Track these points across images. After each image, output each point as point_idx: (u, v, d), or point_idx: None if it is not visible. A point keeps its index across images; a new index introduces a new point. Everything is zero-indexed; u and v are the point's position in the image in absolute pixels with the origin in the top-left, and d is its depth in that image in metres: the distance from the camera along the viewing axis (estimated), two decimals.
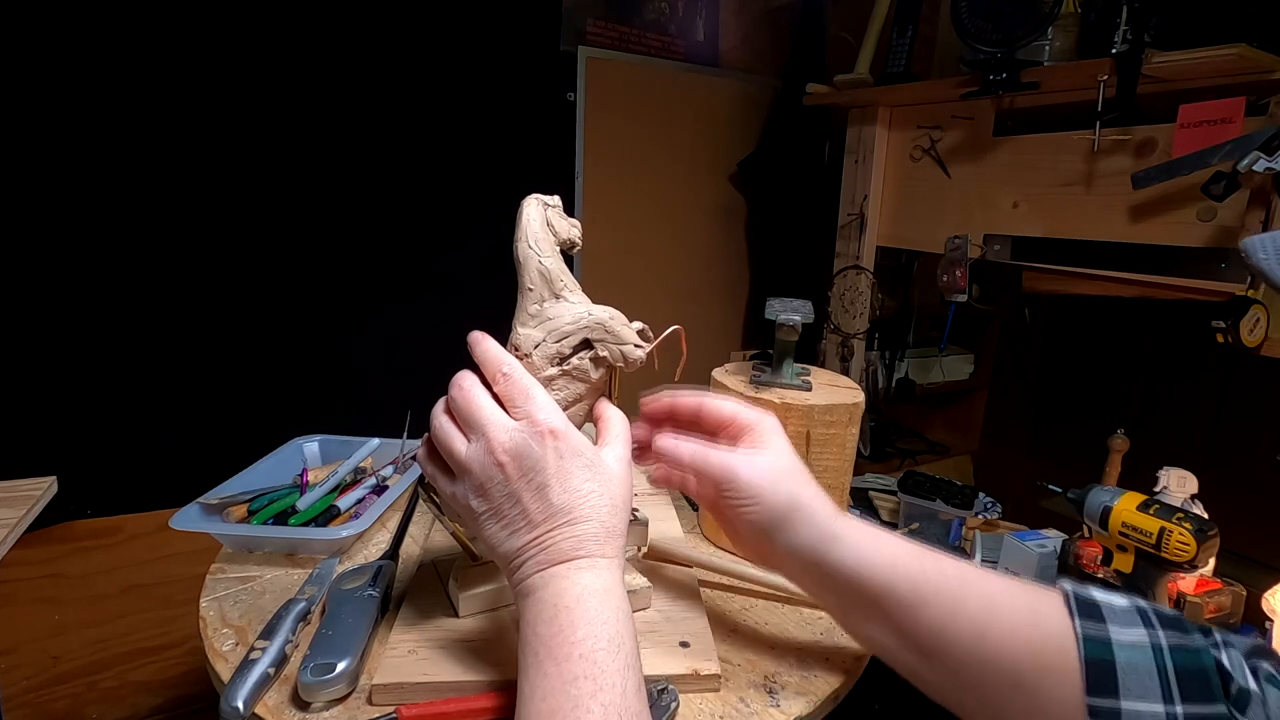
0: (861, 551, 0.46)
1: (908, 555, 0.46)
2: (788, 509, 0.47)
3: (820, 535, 0.47)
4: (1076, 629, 0.40)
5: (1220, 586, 1.03)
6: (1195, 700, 0.37)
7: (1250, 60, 0.97)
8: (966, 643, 0.43)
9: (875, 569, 0.45)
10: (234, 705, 0.47)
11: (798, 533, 0.47)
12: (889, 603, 0.45)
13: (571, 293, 0.49)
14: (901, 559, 0.46)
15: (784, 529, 0.47)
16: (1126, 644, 0.39)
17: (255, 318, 1.33)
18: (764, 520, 0.47)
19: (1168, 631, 0.39)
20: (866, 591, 0.45)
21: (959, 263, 1.36)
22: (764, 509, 0.47)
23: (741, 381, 0.73)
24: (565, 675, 0.38)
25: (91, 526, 1.25)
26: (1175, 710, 0.36)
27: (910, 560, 0.46)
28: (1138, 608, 0.41)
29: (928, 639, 0.44)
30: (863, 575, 0.45)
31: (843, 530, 0.47)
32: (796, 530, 0.47)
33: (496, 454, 0.43)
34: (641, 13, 1.67)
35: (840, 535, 0.47)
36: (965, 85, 1.27)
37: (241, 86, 1.24)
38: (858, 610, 0.47)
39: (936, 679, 0.45)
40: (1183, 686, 0.37)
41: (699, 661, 0.53)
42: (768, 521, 0.47)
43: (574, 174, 1.64)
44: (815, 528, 0.47)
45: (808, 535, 0.47)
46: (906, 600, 0.44)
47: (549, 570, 0.42)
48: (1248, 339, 1.00)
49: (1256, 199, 0.99)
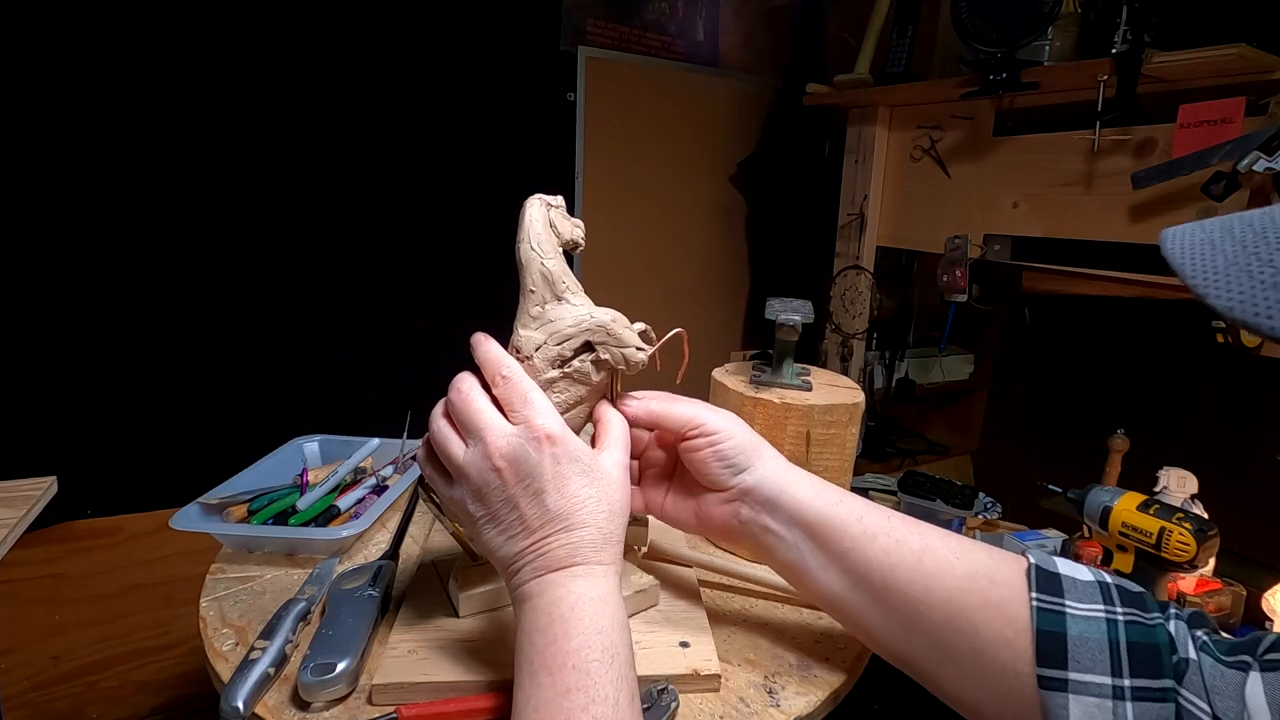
0: (817, 488, 0.50)
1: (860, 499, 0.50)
2: (757, 443, 0.51)
3: (783, 471, 0.50)
4: (1032, 600, 0.41)
5: (1220, 586, 1.03)
6: (1144, 674, 0.38)
7: (1250, 60, 0.97)
8: (909, 579, 0.45)
9: (831, 503, 0.49)
10: (234, 705, 0.47)
11: (765, 467, 0.50)
12: (840, 536, 0.47)
13: (573, 295, 0.49)
14: (853, 498, 0.50)
15: (754, 464, 0.50)
16: (1081, 617, 0.40)
17: (255, 318, 1.33)
18: (734, 453, 0.50)
19: (1126, 608, 0.40)
20: (824, 525, 0.48)
21: (959, 263, 1.36)
22: (736, 443, 0.50)
23: (741, 381, 0.73)
24: (558, 686, 0.38)
25: (91, 526, 1.25)
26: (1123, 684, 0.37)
27: (861, 500, 0.50)
28: (1100, 582, 0.42)
29: (874, 574, 0.46)
30: (818, 509, 0.48)
31: (799, 473, 0.51)
32: (764, 464, 0.50)
33: (494, 459, 0.43)
34: (641, 13, 1.67)
35: (798, 475, 0.51)
36: (965, 85, 1.27)
37: (242, 87, 1.24)
38: (813, 550, 0.48)
39: (885, 622, 0.46)
40: (1133, 660, 0.38)
41: (699, 661, 0.53)
42: (738, 454, 0.50)
43: (574, 174, 1.64)
44: (779, 465, 0.51)
45: (772, 470, 0.50)
46: (856, 533, 0.47)
47: (545, 577, 0.42)
48: (1248, 339, 1.00)
49: (1256, 199, 0.99)
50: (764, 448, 0.51)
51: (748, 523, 0.50)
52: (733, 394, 0.72)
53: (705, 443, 0.50)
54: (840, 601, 0.48)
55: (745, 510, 0.50)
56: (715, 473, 0.50)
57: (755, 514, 0.50)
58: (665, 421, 0.51)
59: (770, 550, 0.51)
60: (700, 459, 0.50)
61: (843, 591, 0.48)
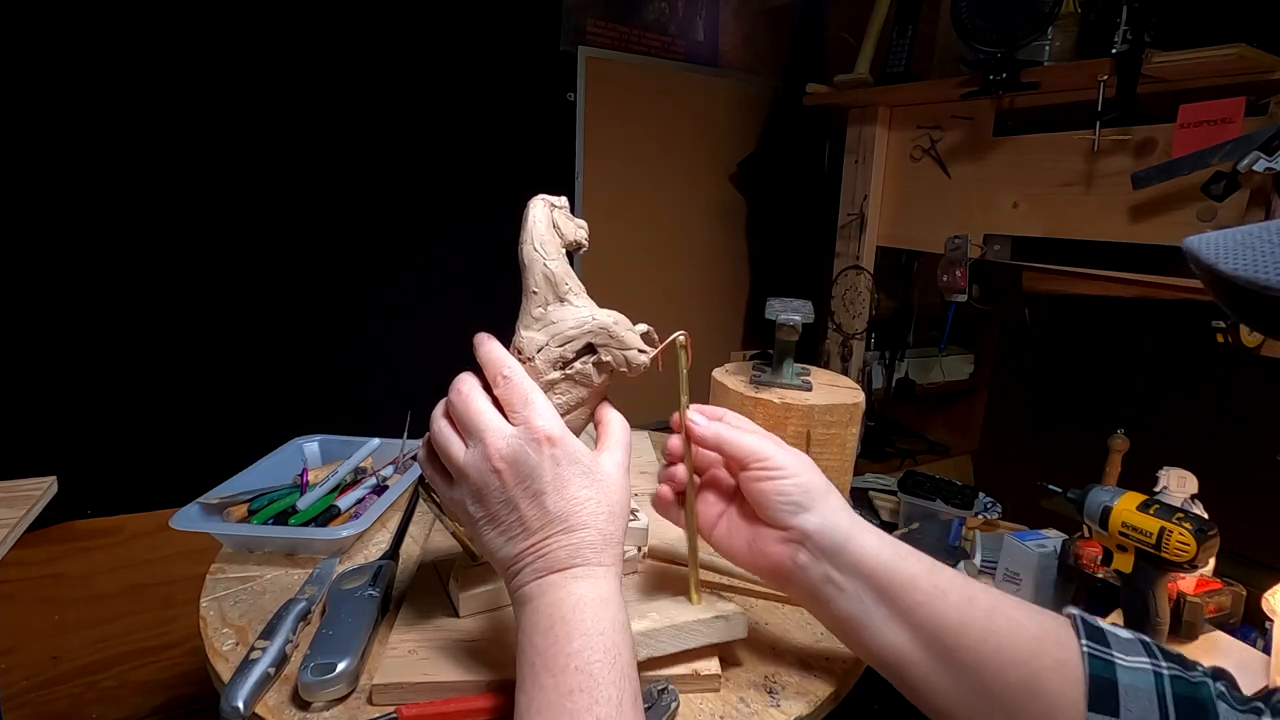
0: (883, 541, 0.47)
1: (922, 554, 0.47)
2: (824, 488, 0.49)
3: (849, 519, 0.48)
4: (1082, 647, 0.41)
5: (1220, 586, 1.03)
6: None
7: (1250, 60, 0.97)
8: (982, 638, 0.43)
9: (898, 557, 0.46)
10: (234, 705, 0.47)
11: (829, 512, 0.48)
12: (910, 591, 0.45)
13: (576, 296, 0.49)
14: (917, 554, 0.47)
15: (817, 506, 0.48)
16: (1130, 668, 0.40)
17: (255, 318, 1.33)
18: (797, 492, 0.48)
19: (1169, 664, 0.41)
20: (890, 578, 0.45)
21: (959, 263, 1.36)
22: (801, 482, 0.48)
23: (741, 381, 0.73)
24: (561, 688, 0.38)
25: (91, 526, 1.25)
26: None
27: (924, 557, 0.47)
28: (1142, 640, 0.42)
29: (947, 632, 0.44)
30: (886, 561, 0.46)
31: (864, 523, 0.48)
32: (829, 510, 0.48)
33: (493, 460, 0.43)
34: (641, 13, 1.67)
35: (864, 524, 0.48)
36: (965, 85, 1.27)
37: (243, 86, 1.24)
38: (877, 603, 0.46)
39: (949, 682, 0.44)
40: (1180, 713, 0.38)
41: (699, 661, 0.53)
42: (801, 494, 0.48)
43: (574, 174, 1.64)
44: (846, 512, 0.48)
45: (837, 517, 0.48)
46: (927, 589, 0.45)
47: (546, 579, 0.42)
48: (1248, 339, 1.00)
49: (1256, 199, 0.99)
50: (831, 493, 0.49)
51: (805, 568, 0.48)
52: (733, 394, 0.72)
53: (767, 476, 0.48)
54: (902, 659, 0.45)
55: (804, 555, 0.48)
56: (775, 508, 0.48)
57: (814, 560, 0.47)
58: (730, 449, 0.50)
59: (827, 601, 0.48)
60: (760, 492, 0.48)
61: (907, 649, 0.45)
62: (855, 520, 0.48)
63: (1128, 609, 0.88)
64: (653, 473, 0.92)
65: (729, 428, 0.50)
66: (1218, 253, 0.33)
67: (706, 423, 0.51)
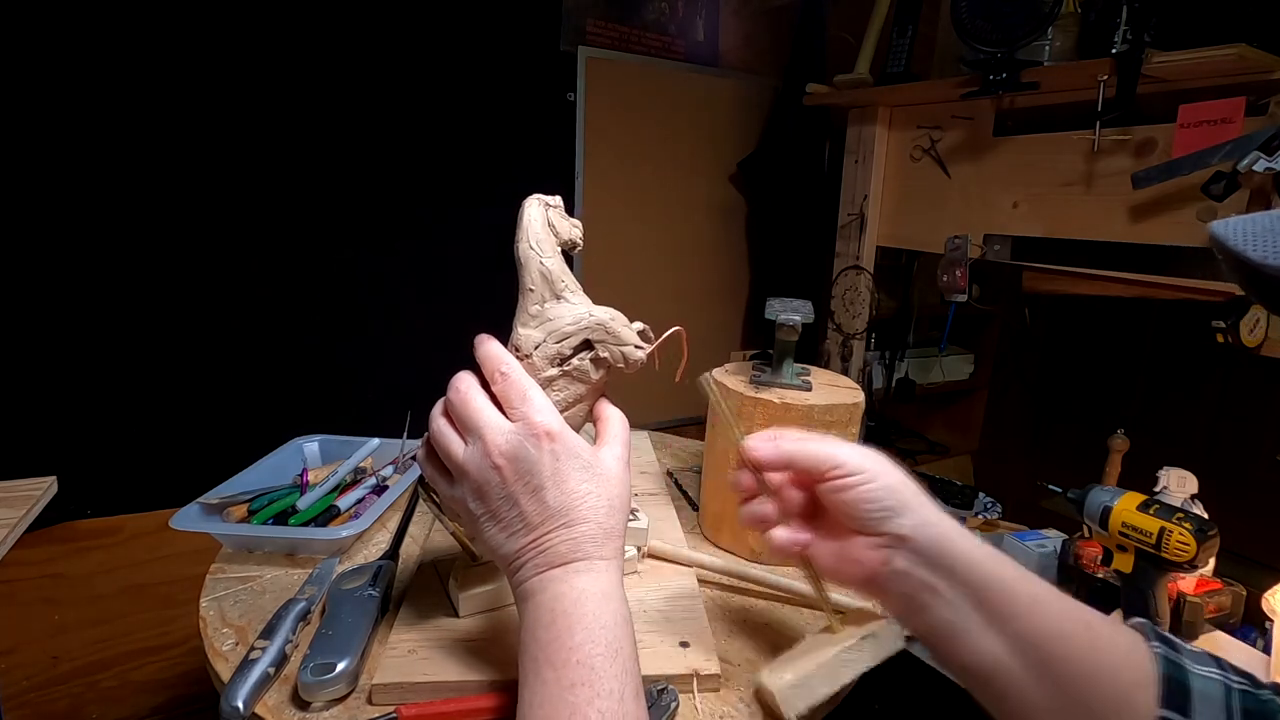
0: (981, 545, 0.44)
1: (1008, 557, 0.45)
2: (911, 488, 0.46)
3: (940, 520, 0.45)
4: (1153, 648, 0.41)
5: (1220, 586, 1.03)
6: None
7: (1250, 60, 0.96)
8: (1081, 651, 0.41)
9: (997, 563, 0.44)
10: (234, 705, 0.47)
11: (920, 513, 0.45)
12: (1011, 599, 0.43)
13: (573, 293, 0.49)
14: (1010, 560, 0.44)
15: (909, 509, 0.45)
16: (1201, 675, 0.40)
17: (255, 318, 1.33)
18: (884, 494, 0.45)
19: (1239, 678, 0.40)
20: (992, 585, 0.43)
21: (959, 263, 1.36)
22: (887, 484, 0.45)
23: (741, 381, 0.73)
24: (563, 682, 0.38)
25: (91, 526, 1.25)
26: None
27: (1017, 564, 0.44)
28: (1210, 654, 0.42)
29: (1046, 643, 0.42)
30: (986, 567, 0.43)
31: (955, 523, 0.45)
32: (920, 510, 0.45)
33: (493, 457, 0.43)
34: (641, 13, 1.67)
35: (955, 525, 0.45)
36: (965, 85, 1.27)
37: (244, 87, 1.24)
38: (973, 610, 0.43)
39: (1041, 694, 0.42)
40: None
41: (699, 661, 0.54)
42: (888, 496, 0.45)
43: (574, 174, 1.64)
44: (935, 511, 0.45)
45: (929, 517, 0.45)
46: (1024, 596, 0.43)
47: (547, 573, 0.42)
48: (1248, 339, 1.00)
49: (1256, 199, 0.99)
50: (920, 493, 0.46)
51: (903, 574, 0.45)
52: (733, 394, 0.71)
53: (848, 484, 0.45)
54: (996, 668, 0.43)
55: (901, 560, 0.45)
56: (864, 515, 0.45)
57: (912, 566, 0.44)
58: (799, 462, 0.47)
59: (922, 608, 0.45)
60: (844, 501, 0.45)
61: (1002, 658, 0.43)
62: (951, 522, 0.45)
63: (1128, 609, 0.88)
64: (652, 473, 0.92)
65: (791, 441, 0.48)
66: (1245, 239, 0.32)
67: (768, 444, 0.48)
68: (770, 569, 0.69)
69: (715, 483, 0.76)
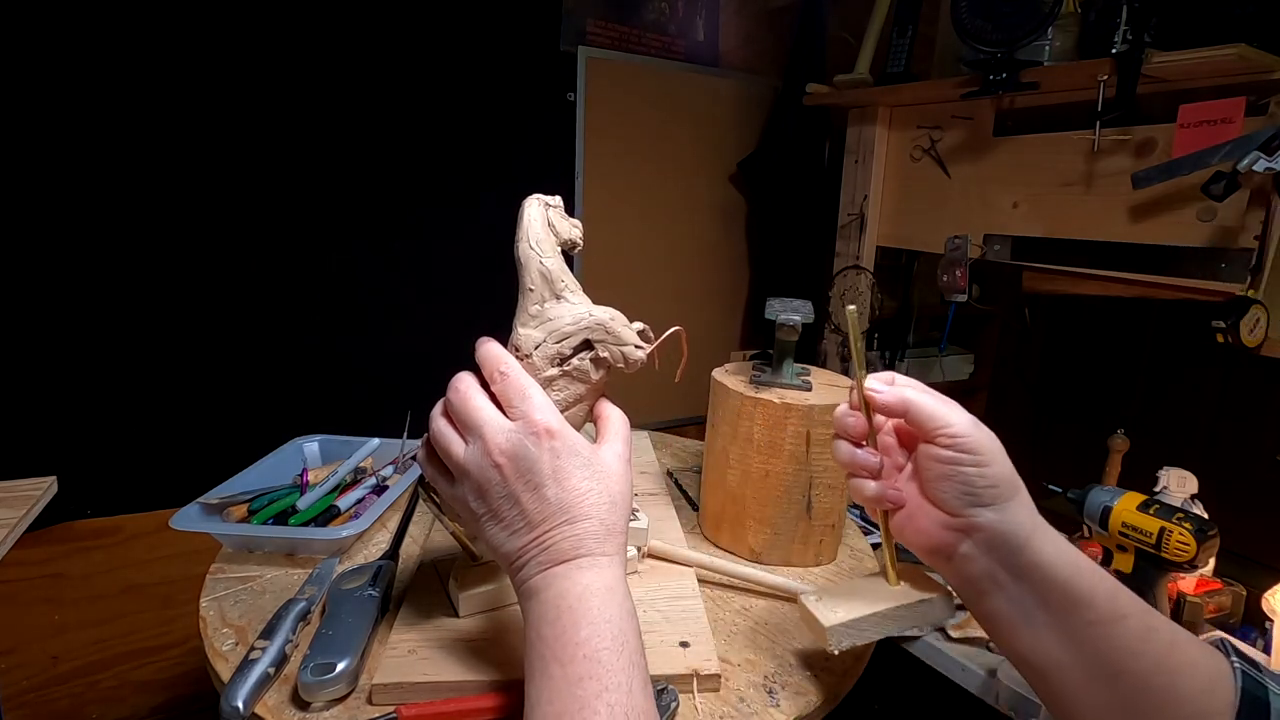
0: (1063, 549, 0.43)
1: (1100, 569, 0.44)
2: (1012, 482, 0.44)
3: (1031, 520, 0.44)
4: (1234, 664, 0.40)
5: (1220, 586, 1.03)
6: None
7: (1250, 60, 0.96)
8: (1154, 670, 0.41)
9: (1080, 572, 0.43)
10: (234, 705, 0.47)
11: (1013, 511, 0.43)
12: (1085, 608, 0.42)
13: (572, 293, 0.49)
14: (1099, 571, 0.43)
15: (1000, 503, 0.43)
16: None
17: (255, 317, 1.33)
18: (984, 485, 0.43)
19: None
20: (1065, 593, 0.42)
21: (959, 263, 1.36)
22: (992, 474, 0.43)
23: (741, 381, 0.73)
24: (570, 676, 0.38)
25: (91, 526, 1.25)
26: None
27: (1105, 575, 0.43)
28: None
29: (1117, 656, 0.41)
30: (1063, 573, 0.42)
31: (1045, 526, 0.44)
32: (1014, 507, 0.43)
33: (493, 455, 0.43)
34: (641, 13, 1.67)
35: (1044, 529, 0.44)
36: (965, 85, 1.27)
37: (244, 87, 1.24)
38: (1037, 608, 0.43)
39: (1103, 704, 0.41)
40: None
41: (699, 661, 0.54)
42: (988, 489, 0.43)
43: (574, 174, 1.64)
44: (1027, 510, 0.44)
45: (1018, 516, 0.43)
46: (1105, 610, 0.42)
47: (550, 570, 0.42)
48: (1248, 339, 1.00)
49: (1256, 199, 0.99)
50: (1018, 488, 0.44)
51: (969, 559, 0.44)
52: (733, 394, 0.72)
53: (954, 458, 0.44)
54: (1057, 669, 0.43)
55: (969, 547, 0.44)
56: (953, 496, 0.44)
57: (981, 554, 0.44)
58: (919, 415, 0.45)
59: (983, 594, 0.45)
60: (943, 474, 0.44)
61: (1064, 661, 0.42)
62: (1036, 521, 0.44)
63: None
64: (652, 473, 0.92)
65: (916, 391, 0.46)
66: None
67: (890, 388, 0.47)
68: (770, 569, 0.69)
69: (715, 483, 0.76)
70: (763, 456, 0.70)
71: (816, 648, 0.59)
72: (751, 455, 0.71)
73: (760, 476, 0.71)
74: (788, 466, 0.70)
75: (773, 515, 0.71)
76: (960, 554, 0.45)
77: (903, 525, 0.48)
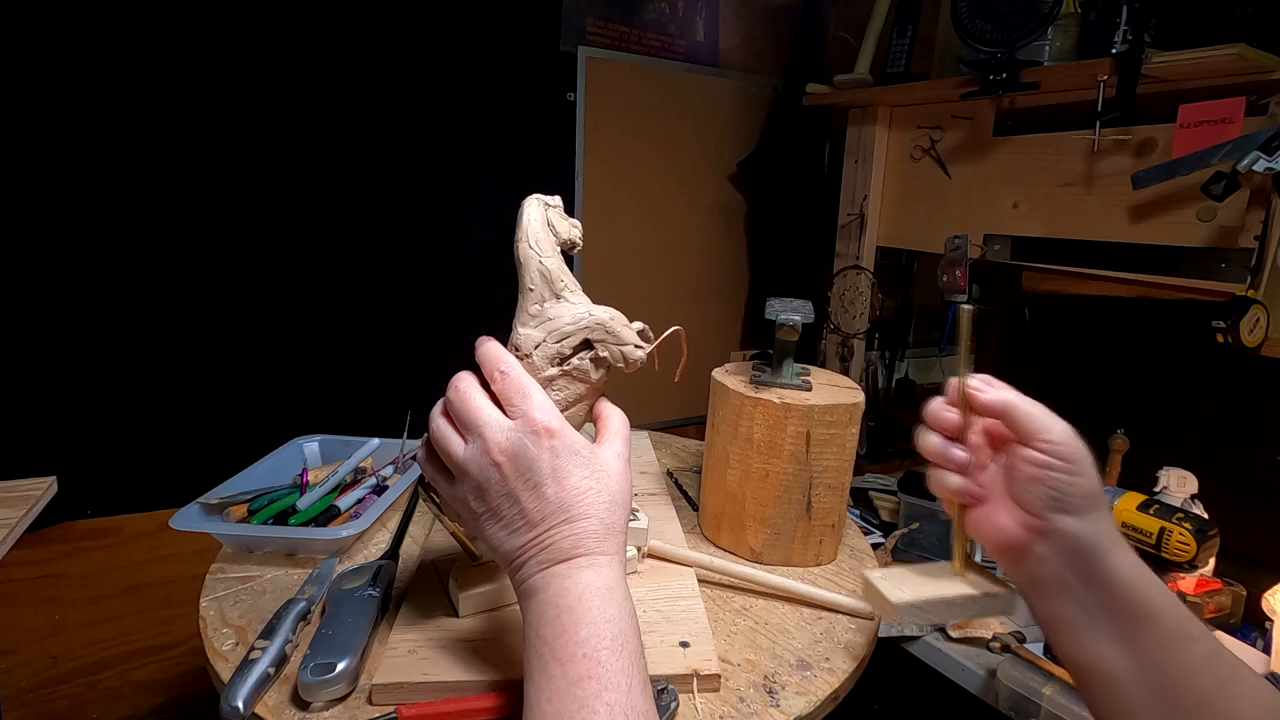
0: (1138, 565, 0.44)
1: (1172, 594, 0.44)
2: (1098, 493, 0.45)
3: (1110, 532, 0.44)
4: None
5: (1220, 586, 1.03)
6: None
7: (1250, 60, 0.97)
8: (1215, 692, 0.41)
9: (1152, 590, 0.43)
10: (234, 705, 0.47)
11: (1094, 522, 0.44)
12: (1153, 623, 0.42)
13: (572, 293, 0.49)
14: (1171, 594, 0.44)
15: (1087, 511, 0.44)
16: None
17: (255, 317, 1.33)
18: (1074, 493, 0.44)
19: None
20: (1134, 607, 0.43)
21: (959, 263, 1.36)
22: (1082, 484, 0.44)
23: (741, 381, 0.73)
24: (570, 676, 0.38)
25: (91, 526, 1.25)
26: None
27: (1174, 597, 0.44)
28: None
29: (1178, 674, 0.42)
30: (1135, 586, 0.43)
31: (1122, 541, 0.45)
32: (1095, 518, 0.44)
33: (493, 454, 0.43)
34: (641, 13, 1.67)
35: (1119, 541, 0.45)
36: (965, 85, 1.27)
37: (244, 87, 1.24)
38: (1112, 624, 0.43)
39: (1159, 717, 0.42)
40: None
41: (699, 661, 0.54)
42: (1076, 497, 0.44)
43: (574, 174, 1.64)
44: (1109, 524, 0.45)
45: (1099, 526, 0.44)
46: (1172, 629, 0.42)
47: (550, 570, 0.42)
48: (1248, 339, 1.00)
49: (1256, 199, 0.99)
50: (1101, 499, 0.45)
51: (1040, 559, 0.45)
52: (733, 394, 0.72)
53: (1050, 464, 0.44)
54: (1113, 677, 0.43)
55: (1044, 548, 0.45)
56: (1039, 500, 0.44)
57: (1054, 556, 0.44)
58: (1018, 421, 0.45)
59: (1048, 595, 0.46)
60: (1033, 477, 0.44)
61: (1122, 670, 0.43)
62: (1115, 536, 0.45)
63: None
64: (652, 473, 0.92)
65: (1018, 395, 0.46)
66: None
67: (992, 389, 0.47)
68: (770, 569, 0.69)
69: (715, 483, 0.76)
70: (763, 456, 0.70)
71: (817, 648, 0.59)
72: (751, 455, 0.71)
73: (760, 476, 0.71)
74: (788, 466, 0.70)
75: (773, 515, 0.71)
76: (1034, 554, 0.45)
77: (979, 520, 0.49)
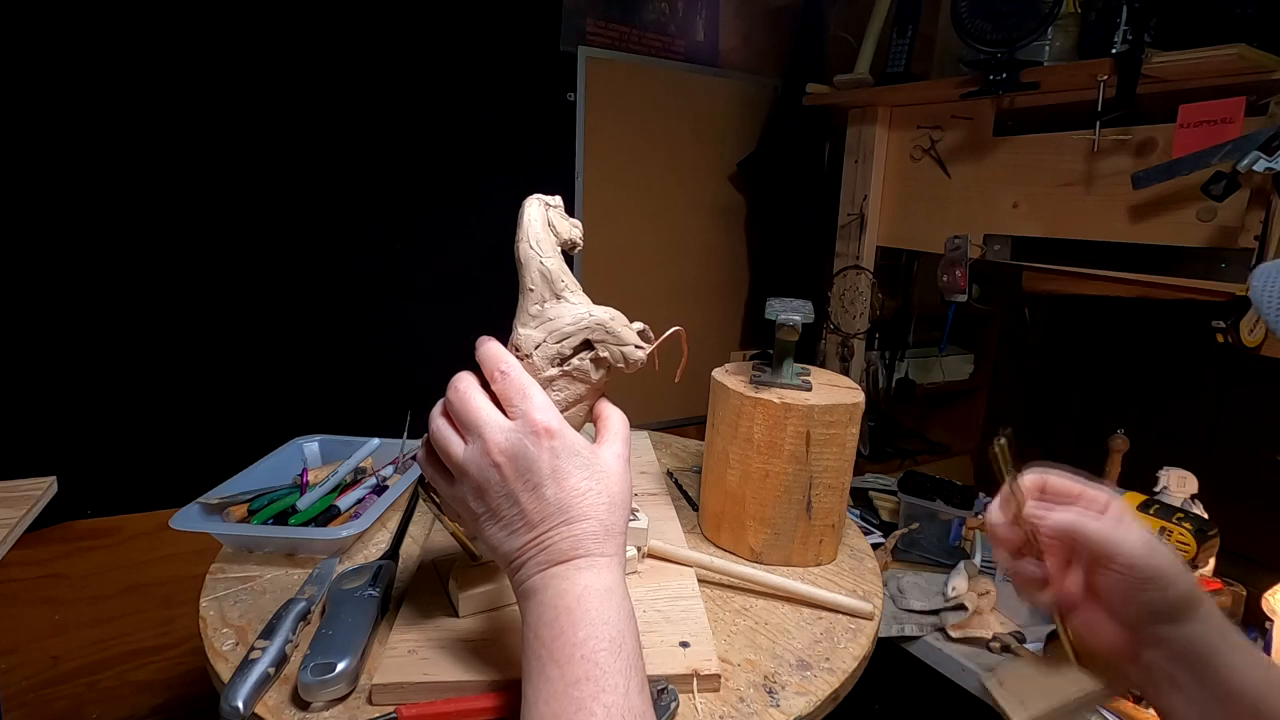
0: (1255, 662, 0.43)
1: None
2: (1195, 595, 0.43)
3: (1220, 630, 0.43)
4: None
5: (1220, 586, 1.03)
6: None
7: (1250, 60, 0.97)
8: None
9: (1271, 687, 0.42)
10: (234, 705, 0.47)
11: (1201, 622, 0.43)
12: None
13: (572, 293, 0.49)
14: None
15: (1188, 616, 0.43)
16: None
17: (255, 317, 1.33)
18: (1167, 606, 0.42)
19: None
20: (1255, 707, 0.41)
21: (959, 263, 1.36)
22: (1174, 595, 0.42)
23: (741, 381, 0.73)
24: (568, 678, 0.38)
25: (91, 526, 1.25)
26: None
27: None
28: None
29: None
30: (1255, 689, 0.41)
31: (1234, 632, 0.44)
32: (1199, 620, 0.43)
33: (493, 455, 0.43)
34: (641, 13, 1.67)
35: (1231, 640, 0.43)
36: (965, 85, 1.27)
37: (244, 88, 1.24)
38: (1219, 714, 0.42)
39: None
40: None
41: (699, 661, 0.54)
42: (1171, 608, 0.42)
43: (574, 174, 1.64)
44: (1217, 620, 0.43)
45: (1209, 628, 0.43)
46: None
47: (549, 571, 0.42)
48: (1248, 339, 1.00)
49: (1256, 199, 0.99)
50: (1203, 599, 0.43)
51: (1148, 665, 0.44)
52: (733, 394, 0.71)
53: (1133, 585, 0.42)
54: None
55: (1152, 654, 0.43)
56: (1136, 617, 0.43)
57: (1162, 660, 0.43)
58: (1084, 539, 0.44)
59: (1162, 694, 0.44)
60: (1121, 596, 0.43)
61: None
62: (1225, 630, 0.43)
63: None
64: (652, 473, 0.92)
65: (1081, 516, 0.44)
66: None
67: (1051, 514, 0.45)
68: (770, 569, 0.69)
69: (715, 483, 0.76)
70: (763, 456, 0.70)
71: (817, 648, 0.59)
72: (751, 455, 0.71)
73: (760, 476, 0.71)
74: (788, 466, 0.70)
75: (773, 515, 0.71)
76: (1143, 660, 0.44)
77: (1082, 628, 0.47)
